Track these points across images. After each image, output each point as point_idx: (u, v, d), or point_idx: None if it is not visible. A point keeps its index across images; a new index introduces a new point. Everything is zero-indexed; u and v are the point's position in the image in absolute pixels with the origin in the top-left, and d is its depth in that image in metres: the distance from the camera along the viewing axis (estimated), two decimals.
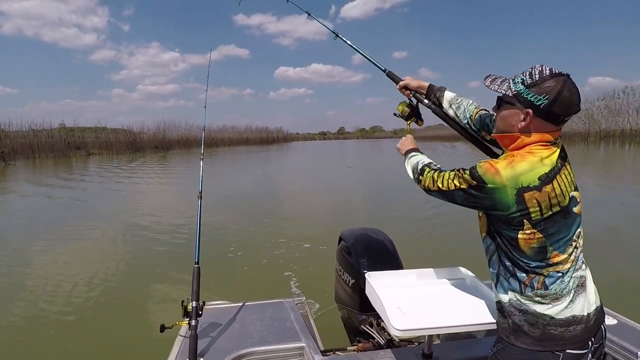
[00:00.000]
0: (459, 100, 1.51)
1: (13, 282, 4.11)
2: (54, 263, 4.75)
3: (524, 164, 1.02)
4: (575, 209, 1.07)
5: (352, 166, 20.16)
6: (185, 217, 6.97)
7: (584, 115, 38.23)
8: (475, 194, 1.05)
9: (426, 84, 1.61)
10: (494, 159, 1.09)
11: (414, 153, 1.37)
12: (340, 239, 2.04)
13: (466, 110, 1.47)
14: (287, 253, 4.84)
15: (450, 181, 1.11)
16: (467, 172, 1.07)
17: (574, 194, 1.08)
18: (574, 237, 1.07)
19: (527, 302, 1.05)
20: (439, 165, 1.24)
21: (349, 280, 1.86)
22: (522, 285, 1.05)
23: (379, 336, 1.68)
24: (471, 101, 1.50)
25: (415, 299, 1.37)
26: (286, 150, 40.33)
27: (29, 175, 16.63)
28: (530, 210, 1.00)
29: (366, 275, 1.49)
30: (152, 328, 2.88)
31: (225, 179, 13.60)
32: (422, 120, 1.63)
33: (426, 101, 1.57)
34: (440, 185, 1.14)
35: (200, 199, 1.77)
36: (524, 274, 1.05)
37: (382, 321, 1.74)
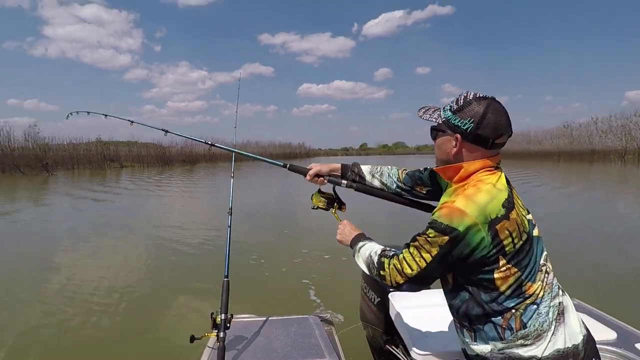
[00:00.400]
0: (379, 168, 1.46)
1: (44, 289, 4.30)
2: (84, 270, 4.94)
3: (483, 195, 0.96)
4: (534, 232, 1.02)
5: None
6: (210, 229, 7.12)
7: (620, 132, 36.48)
8: (451, 250, 0.94)
9: (337, 165, 1.51)
10: (446, 201, 1.01)
11: (361, 243, 1.19)
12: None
13: (390, 175, 1.43)
14: (311, 267, 4.84)
15: (418, 259, 0.97)
16: (430, 231, 0.96)
17: (529, 217, 1.04)
18: (542, 262, 1.01)
19: (510, 348, 0.96)
20: (394, 250, 1.09)
21: (374, 299, 1.85)
22: (500, 329, 0.97)
23: (404, 358, 1.64)
24: (389, 166, 1.48)
25: (440, 321, 1.34)
26: (308, 164, 40.54)
27: (68, 185, 17.48)
28: (505, 242, 0.93)
29: (389, 296, 1.47)
30: (181, 338, 2.99)
31: (249, 192, 13.82)
32: (344, 204, 1.47)
33: (344, 182, 1.42)
34: (410, 272, 0.98)
35: (231, 215, 1.82)
36: (499, 317, 0.97)
37: (405, 342, 1.72)
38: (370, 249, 1.13)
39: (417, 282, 1.00)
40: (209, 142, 1.82)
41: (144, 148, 37.76)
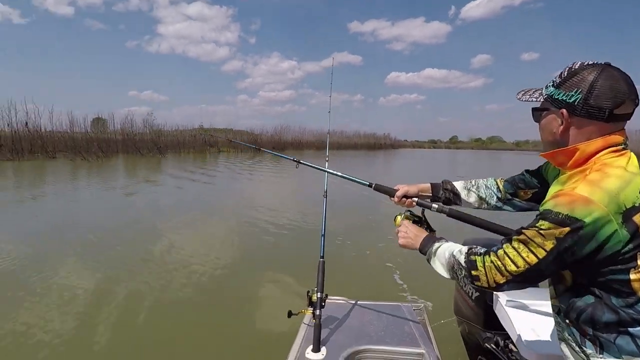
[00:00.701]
0: (474, 182, 1.28)
1: (149, 252, 4.92)
2: (186, 239, 5.56)
3: (613, 180, 0.77)
4: None
5: (464, 176, 18.88)
6: (298, 212, 7.44)
7: None
8: (572, 245, 0.77)
9: (427, 185, 1.33)
10: (561, 189, 0.82)
11: (437, 244, 1.05)
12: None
13: (488, 186, 1.24)
14: (396, 252, 4.79)
15: (525, 254, 0.83)
16: (542, 223, 0.80)
17: None
18: None
19: None
20: (479, 247, 0.94)
21: (471, 293, 1.72)
22: (637, 342, 0.78)
23: (504, 357, 1.51)
24: (485, 178, 1.27)
25: (552, 320, 1.19)
26: (392, 156, 39.76)
27: (175, 167, 19.83)
28: None
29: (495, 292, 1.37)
30: (278, 312, 3.16)
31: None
32: (434, 231, 1.28)
33: (435, 206, 1.27)
34: (515, 269, 0.84)
35: (326, 197, 1.86)
36: (638, 327, 0.78)
37: (511, 342, 1.57)
38: (450, 249, 1.01)
39: (523, 281, 0.86)
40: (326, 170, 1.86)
41: (238, 135, 41.10)
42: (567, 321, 0.90)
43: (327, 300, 1.50)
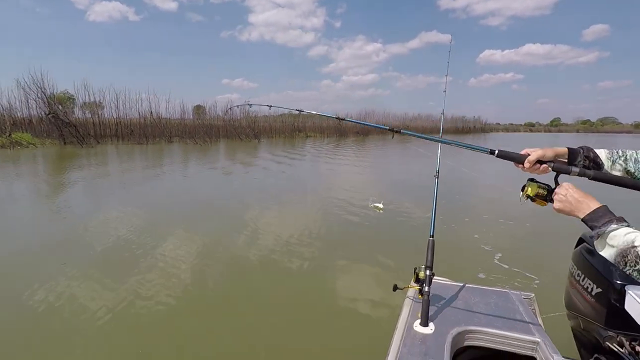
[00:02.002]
0: (620, 152, 1.10)
1: (239, 224, 5.43)
2: (280, 216, 6.00)
3: None
4: None
5: None
6: (401, 194, 7.46)
7: None
8: None
9: (563, 149, 1.16)
10: None
11: (615, 225, 0.90)
12: (582, 240, 1.76)
13: (639, 159, 1.07)
14: (493, 231, 4.60)
15: None
16: None
17: None
18: None
19: None
20: None
21: (591, 289, 1.59)
22: None
23: (630, 358, 1.38)
24: (634, 150, 1.09)
25: None
26: (482, 140, 36.65)
27: (269, 150, 21.20)
28: None
29: (627, 288, 1.25)
30: (383, 285, 3.37)
31: (424, 164, 13.64)
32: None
33: (575, 169, 1.09)
34: None
35: (437, 178, 1.87)
36: None
37: (637, 344, 1.43)
38: (631, 237, 0.88)
39: None
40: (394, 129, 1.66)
41: (325, 120, 41.98)
42: None
43: (432, 281, 1.52)
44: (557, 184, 1.14)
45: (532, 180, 1.20)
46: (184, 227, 5.27)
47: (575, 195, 1.00)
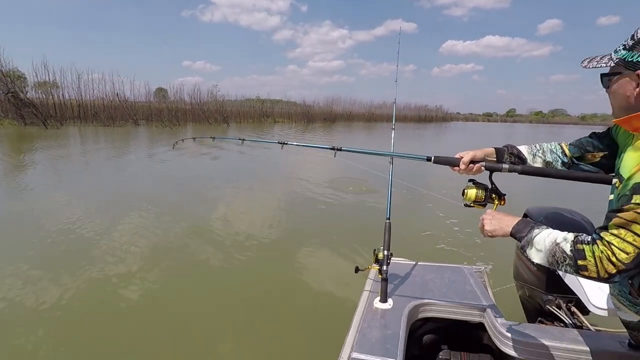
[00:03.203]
0: (538, 146, 1.20)
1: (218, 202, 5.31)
2: (253, 207, 5.90)
3: None
4: None
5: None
6: (354, 180, 7.53)
7: None
8: None
9: (490, 149, 1.23)
10: None
11: (536, 230, 0.94)
12: (526, 215, 1.85)
13: (553, 150, 1.17)
14: (454, 222, 4.76)
15: (631, 238, 0.76)
16: (638, 198, 0.75)
17: None
18: None
19: None
20: (585, 235, 0.86)
21: None
22: None
23: (567, 319, 1.49)
24: (549, 142, 1.21)
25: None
26: (442, 129, 37.92)
27: (236, 133, 20.68)
28: None
29: None
30: (345, 269, 3.40)
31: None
32: (504, 195, 1.19)
33: (505, 166, 1.16)
34: (625, 257, 0.77)
35: (392, 164, 1.88)
36: None
37: (573, 305, 1.55)
38: (553, 236, 0.90)
39: (636, 267, 0.78)
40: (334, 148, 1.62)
41: (293, 106, 41.50)
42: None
43: (391, 260, 1.54)
44: (491, 182, 1.20)
45: (471, 181, 1.24)
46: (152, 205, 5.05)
47: (498, 216, 1.05)
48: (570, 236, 0.88)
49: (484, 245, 4.01)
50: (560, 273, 1.29)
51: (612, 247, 0.79)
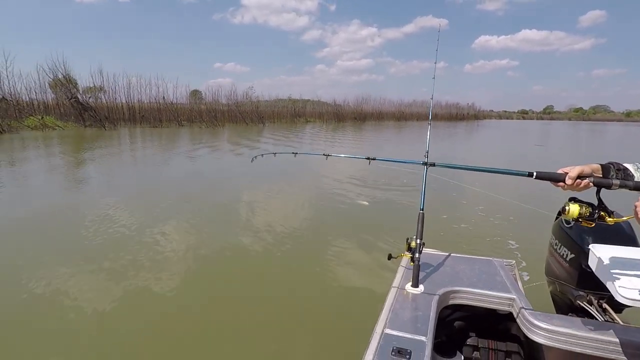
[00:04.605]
0: None
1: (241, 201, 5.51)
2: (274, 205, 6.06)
3: None
4: None
5: (542, 145, 17.79)
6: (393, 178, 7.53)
7: None
8: None
9: (596, 165, 1.13)
10: None
11: None
12: (560, 213, 1.83)
13: None
14: (493, 216, 4.72)
15: None
16: None
17: None
18: None
19: None
20: None
21: (566, 255, 1.68)
22: None
23: (599, 315, 1.48)
24: None
25: None
26: (475, 128, 36.49)
27: (272, 132, 21.16)
28: None
29: (591, 247, 1.32)
30: (379, 257, 3.49)
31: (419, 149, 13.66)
32: (613, 212, 1.09)
33: (616, 181, 1.06)
34: None
35: (427, 157, 1.93)
36: None
37: (604, 301, 1.53)
38: None
39: None
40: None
41: (324, 106, 41.70)
42: None
43: (422, 250, 1.57)
44: (599, 200, 1.11)
45: (573, 199, 1.15)
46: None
47: None
48: None
49: (517, 241, 3.93)
50: (593, 269, 1.28)
51: None
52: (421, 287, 1.47)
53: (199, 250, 3.70)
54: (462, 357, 1.49)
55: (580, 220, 1.11)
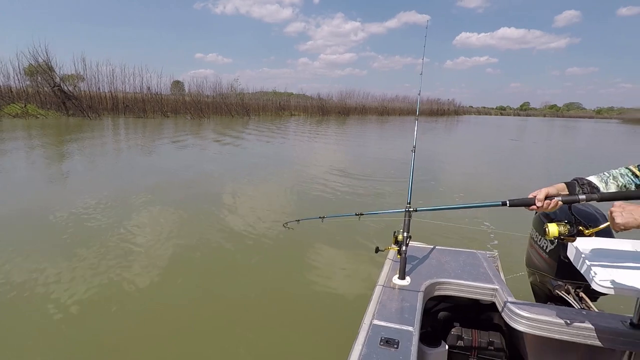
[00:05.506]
0: (607, 173, 1.16)
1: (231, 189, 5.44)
2: (258, 196, 6.02)
3: None
4: None
5: (517, 140, 18.80)
6: (377, 169, 7.55)
7: None
8: None
9: (561, 184, 1.17)
10: None
11: None
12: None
13: (623, 174, 1.14)
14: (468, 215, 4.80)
15: None
16: None
17: None
18: None
19: None
20: None
21: (546, 247, 1.72)
22: None
23: (575, 303, 1.53)
24: (614, 169, 1.16)
25: (627, 266, 1.17)
26: (454, 123, 37.14)
27: (257, 124, 20.90)
28: None
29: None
30: (368, 249, 3.48)
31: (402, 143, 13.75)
32: (590, 224, 1.12)
33: (582, 196, 1.09)
34: None
35: (414, 152, 1.91)
36: None
37: (581, 290, 1.58)
38: None
39: None
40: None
41: (309, 100, 41.42)
42: None
43: (409, 243, 1.57)
44: (571, 213, 1.14)
45: (544, 216, 1.18)
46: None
47: (629, 208, 0.99)
48: None
49: (496, 236, 4.03)
50: (571, 259, 1.31)
51: None
52: (408, 279, 1.48)
53: (175, 241, 3.63)
54: (447, 346, 1.51)
55: (562, 238, 1.13)
